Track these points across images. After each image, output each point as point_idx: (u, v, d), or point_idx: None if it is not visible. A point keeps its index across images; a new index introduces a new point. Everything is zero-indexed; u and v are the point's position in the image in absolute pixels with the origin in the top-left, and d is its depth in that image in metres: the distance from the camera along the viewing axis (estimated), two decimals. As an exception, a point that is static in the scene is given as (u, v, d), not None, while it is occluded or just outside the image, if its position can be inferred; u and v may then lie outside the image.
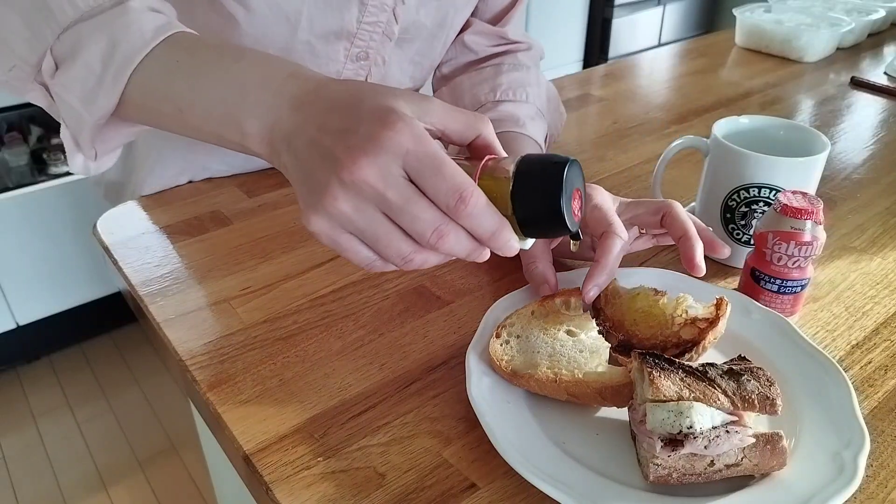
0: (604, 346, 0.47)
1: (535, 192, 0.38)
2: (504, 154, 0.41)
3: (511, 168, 0.39)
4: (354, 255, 0.39)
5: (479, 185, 0.38)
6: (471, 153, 0.42)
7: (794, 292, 0.55)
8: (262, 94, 0.41)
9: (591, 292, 0.51)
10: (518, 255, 0.59)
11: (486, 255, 0.40)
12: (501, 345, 0.48)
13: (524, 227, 0.39)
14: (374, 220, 0.37)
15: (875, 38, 1.35)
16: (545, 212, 0.38)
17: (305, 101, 0.40)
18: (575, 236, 0.41)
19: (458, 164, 0.38)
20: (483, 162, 0.40)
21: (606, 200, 0.55)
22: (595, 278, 0.51)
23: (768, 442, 0.39)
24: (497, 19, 0.80)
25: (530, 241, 0.41)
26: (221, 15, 0.62)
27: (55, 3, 0.44)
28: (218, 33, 0.63)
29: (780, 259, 0.53)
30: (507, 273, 0.61)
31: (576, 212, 0.40)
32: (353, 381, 0.49)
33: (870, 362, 0.52)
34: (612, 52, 2.83)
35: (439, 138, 0.41)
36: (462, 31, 0.79)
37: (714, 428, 0.39)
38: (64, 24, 0.44)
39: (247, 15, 0.62)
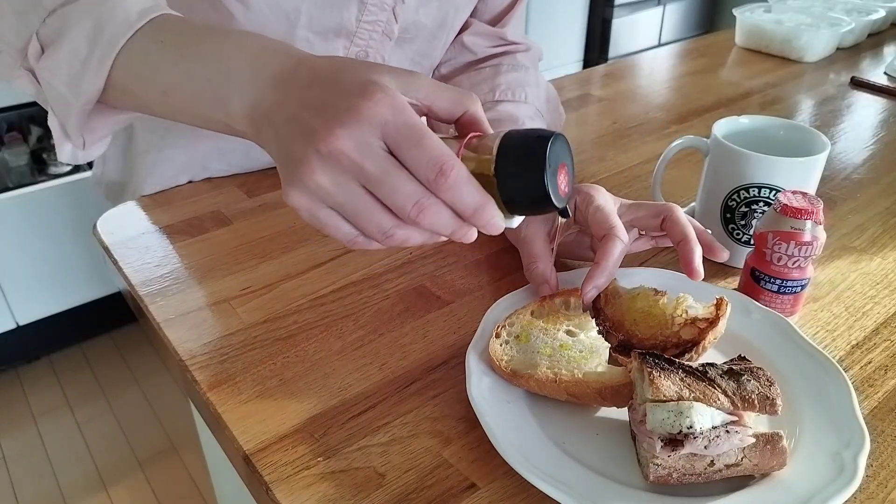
0: (604, 346, 0.47)
1: (518, 167, 0.37)
2: (491, 131, 0.40)
3: (494, 144, 0.38)
4: (335, 231, 0.39)
5: (462, 162, 0.37)
6: (458, 131, 0.41)
7: (794, 292, 0.55)
8: (245, 73, 0.41)
9: (590, 293, 0.51)
10: (518, 254, 0.59)
11: (473, 234, 0.39)
12: (501, 345, 0.48)
13: (509, 205, 0.38)
14: (352, 193, 0.37)
15: (875, 38, 1.35)
16: (529, 188, 0.37)
17: (287, 77, 0.39)
18: (563, 213, 0.40)
19: (442, 141, 0.37)
20: (467, 139, 0.39)
21: (608, 202, 0.55)
22: (594, 279, 0.51)
23: (768, 442, 0.39)
24: (496, 20, 0.80)
25: (517, 220, 0.40)
26: (220, 12, 0.62)
27: None
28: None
29: (780, 259, 0.53)
30: (507, 273, 0.61)
31: (562, 188, 0.38)
32: (353, 381, 0.49)
33: (870, 362, 0.52)
34: (612, 52, 2.83)
35: (426, 115, 0.41)
36: (461, 31, 0.79)
37: (714, 428, 0.39)
38: (50, 7, 0.44)
39: (245, 12, 0.62)
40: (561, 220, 0.43)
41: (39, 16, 0.44)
